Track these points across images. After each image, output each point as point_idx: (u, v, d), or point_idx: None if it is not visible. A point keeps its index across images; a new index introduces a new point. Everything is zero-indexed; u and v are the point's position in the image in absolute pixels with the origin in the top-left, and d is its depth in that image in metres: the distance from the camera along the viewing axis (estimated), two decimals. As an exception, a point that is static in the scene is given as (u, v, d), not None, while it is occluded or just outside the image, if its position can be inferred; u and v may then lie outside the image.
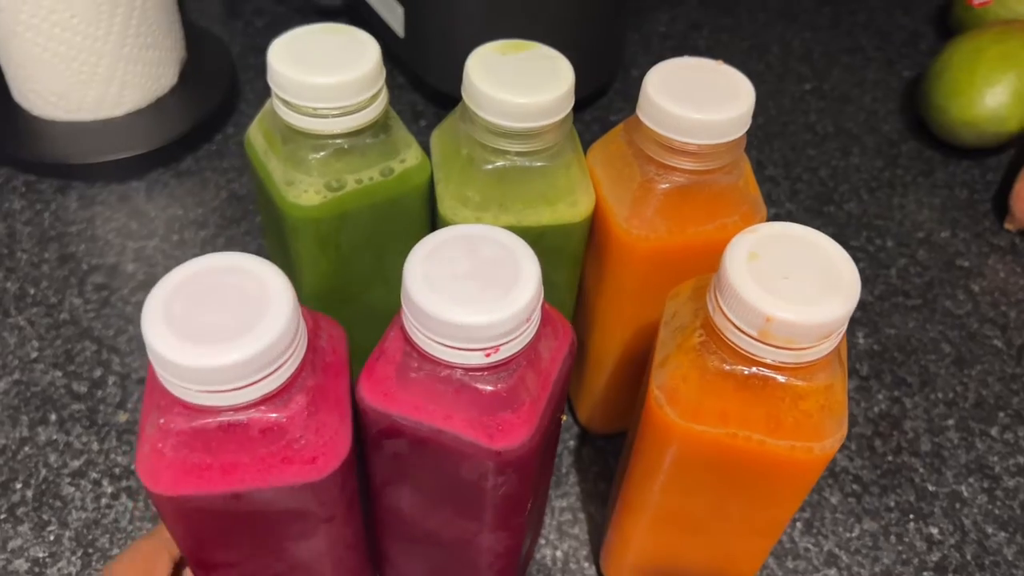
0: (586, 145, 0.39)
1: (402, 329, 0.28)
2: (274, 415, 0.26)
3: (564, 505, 0.44)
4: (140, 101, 0.59)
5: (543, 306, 0.30)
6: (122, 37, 0.55)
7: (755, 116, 0.66)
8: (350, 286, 0.39)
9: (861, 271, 0.56)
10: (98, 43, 0.55)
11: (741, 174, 0.36)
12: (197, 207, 0.57)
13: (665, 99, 0.33)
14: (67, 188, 0.57)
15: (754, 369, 0.28)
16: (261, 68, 0.67)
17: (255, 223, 0.56)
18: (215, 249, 0.54)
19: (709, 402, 0.29)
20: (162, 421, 0.26)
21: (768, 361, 0.28)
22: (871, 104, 0.69)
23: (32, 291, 0.51)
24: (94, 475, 0.44)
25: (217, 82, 0.63)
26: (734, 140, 0.34)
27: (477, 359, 0.27)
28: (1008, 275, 0.56)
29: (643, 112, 0.34)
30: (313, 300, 0.39)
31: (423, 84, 0.65)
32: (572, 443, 0.47)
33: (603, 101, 0.66)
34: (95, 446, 0.45)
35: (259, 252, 0.51)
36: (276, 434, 0.26)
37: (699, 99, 0.33)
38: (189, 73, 0.62)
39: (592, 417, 0.46)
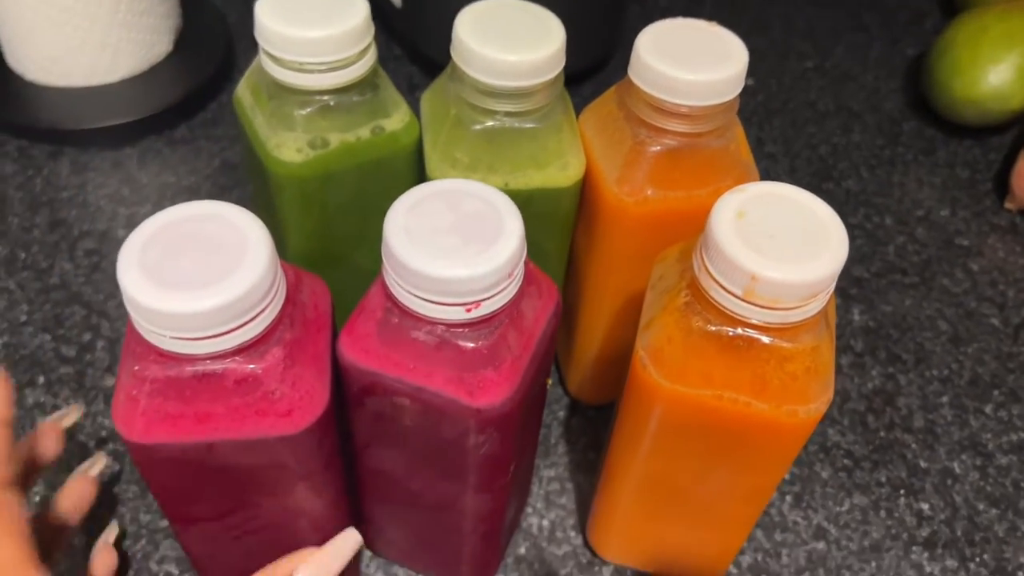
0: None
1: (384, 285, 0.28)
2: (249, 366, 0.26)
3: (552, 475, 0.44)
4: (134, 68, 0.59)
5: (527, 265, 0.29)
6: (116, 3, 0.55)
7: (755, 94, 0.66)
8: (336, 247, 0.38)
9: (858, 248, 0.55)
10: (91, 7, 0.54)
11: (733, 138, 0.35)
12: (190, 175, 0.56)
13: (657, 60, 0.33)
14: (59, 154, 0.57)
15: (739, 330, 0.28)
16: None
17: (247, 191, 0.55)
18: (207, 216, 0.53)
19: (694, 363, 0.29)
20: (136, 368, 0.26)
21: (753, 321, 0.28)
22: (873, 82, 0.68)
23: (23, 255, 0.51)
24: (81, 438, 0.43)
25: (212, 50, 0.62)
26: (726, 102, 0.33)
27: (458, 314, 0.27)
28: (1007, 254, 0.56)
29: (634, 73, 0.34)
30: (299, 261, 0.38)
31: (420, 56, 0.64)
32: (562, 414, 0.47)
33: (602, 75, 0.65)
34: (83, 409, 0.44)
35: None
36: (251, 385, 0.26)
37: (691, 60, 0.33)
38: (184, 41, 0.62)
39: (582, 387, 0.46)
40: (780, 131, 0.63)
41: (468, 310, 0.27)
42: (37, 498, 0.41)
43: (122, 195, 0.55)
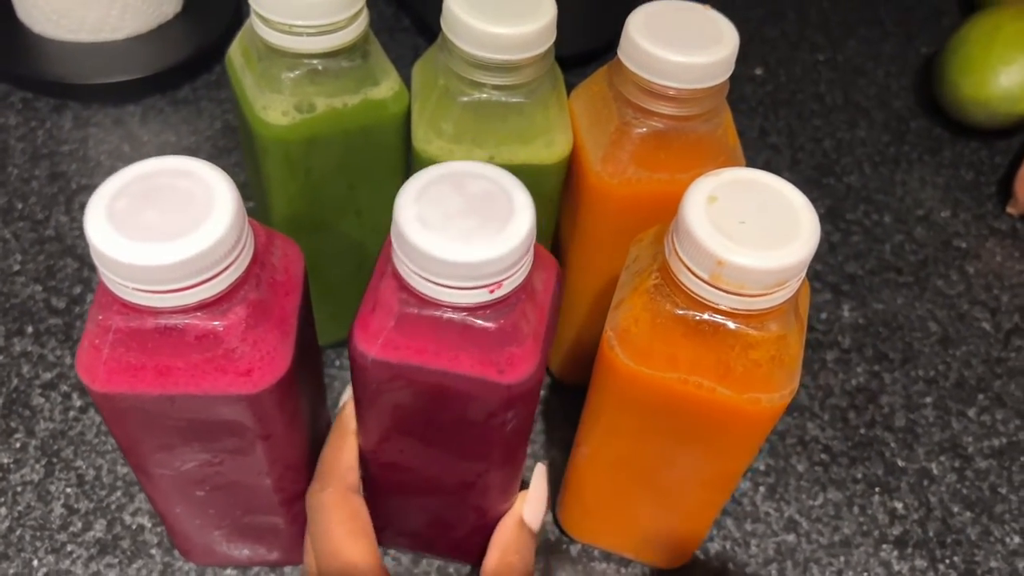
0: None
1: (396, 276, 0.27)
2: (211, 323, 0.26)
3: (528, 452, 0.44)
4: (141, 26, 0.59)
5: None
6: (125, -42, 0.55)
7: (764, 83, 0.65)
8: (321, 214, 0.39)
9: (854, 245, 0.55)
10: (100, -38, 0.54)
11: (721, 123, 0.35)
12: (191, 135, 0.56)
13: (646, 40, 0.32)
14: (63, 108, 0.57)
15: (706, 315, 0.28)
16: (268, 2, 0.66)
17: (246, 154, 0.56)
18: (204, 177, 0.54)
19: (660, 346, 0.29)
20: (101, 318, 0.26)
21: (719, 307, 0.27)
22: (884, 79, 0.67)
23: (20, 206, 0.51)
24: (64, 388, 0.44)
25: (220, 13, 0.62)
26: (714, 86, 0.33)
27: (481, 296, 0.26)
28: (1005, 259, 0.55)
29: (623, 53, 0.34)
30: (283, 225, 0.38)
31: (427, 28, 0.64)
32: (543, 392, 0.47)
33: (606, 58, 0.65)
34: (68, 360, 0.45)
35: (245, 184, 0.51)
36: (211, 342, 0.26)
37: (681, 42, 0.32)
38: (193, 2, 0.62)
39: (564, 368, 0.46)
40: (785, 122, 0.63)
41: (491, 291, 0.26)
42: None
43: (122, 151, 0.55)
